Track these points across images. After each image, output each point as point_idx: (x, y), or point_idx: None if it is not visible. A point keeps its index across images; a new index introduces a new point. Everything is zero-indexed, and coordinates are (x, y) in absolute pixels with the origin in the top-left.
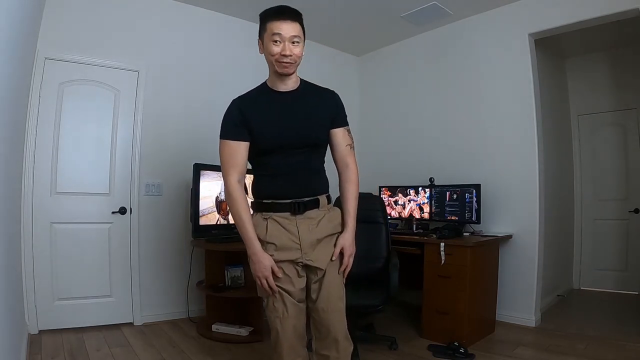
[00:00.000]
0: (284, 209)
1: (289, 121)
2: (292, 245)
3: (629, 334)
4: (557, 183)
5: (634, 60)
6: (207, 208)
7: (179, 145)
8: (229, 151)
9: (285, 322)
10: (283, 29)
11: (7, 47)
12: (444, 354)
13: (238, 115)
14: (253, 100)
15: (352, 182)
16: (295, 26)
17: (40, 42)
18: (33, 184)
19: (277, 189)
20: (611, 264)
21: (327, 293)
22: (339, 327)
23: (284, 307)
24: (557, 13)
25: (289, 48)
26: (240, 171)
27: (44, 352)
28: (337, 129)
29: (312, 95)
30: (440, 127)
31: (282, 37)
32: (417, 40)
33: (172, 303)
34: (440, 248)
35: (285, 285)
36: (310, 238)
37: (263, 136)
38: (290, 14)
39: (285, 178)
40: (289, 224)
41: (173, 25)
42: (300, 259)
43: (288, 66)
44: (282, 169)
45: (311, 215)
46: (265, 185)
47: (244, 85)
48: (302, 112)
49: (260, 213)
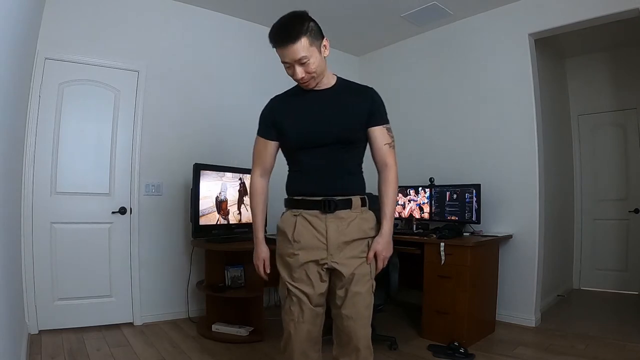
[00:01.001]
0: (314, 207)
1: (317, 118)
2: (318, 245)
3: (629, 334)
4: (557, 183)
5: (634, 60)
6: (207, 208)
7: (179, 145)
8: (258, 147)
9: (299, 326)
10: (286, 56)
11: (7, 47)
12: (444, 354)
13: (269, 115)
14: (284, 100)
15: (389, 182)
16: (296, 48)
17: (40, 42)
18: (33, 184)
19: (307, 185)
20: (611, 264)
21: (354, 300)
22: (362, 336)
23: (300, 311)
24: (557, 13)
25: (299, 71)
26: (265, 168)
27: (44, 352)
28: (375, 127)
29: (347, 92)
30: (440, 127)
31: (288, 62)
32: (417, 40)
33: (172, 303)
34: (440, 248)
35: (304, 288)
36: (338, 239)
37: (289, 134)
38: (285, 39)
39: (315, 175)
40: (318, 222)
41: (173, 25)
42: (325, 260)
43: (306, 84)
44: (312, 165)
45: (342, 215)
46: (296, 181)
47: (244, 85)
48: (333, 109)
49: (290, 210)
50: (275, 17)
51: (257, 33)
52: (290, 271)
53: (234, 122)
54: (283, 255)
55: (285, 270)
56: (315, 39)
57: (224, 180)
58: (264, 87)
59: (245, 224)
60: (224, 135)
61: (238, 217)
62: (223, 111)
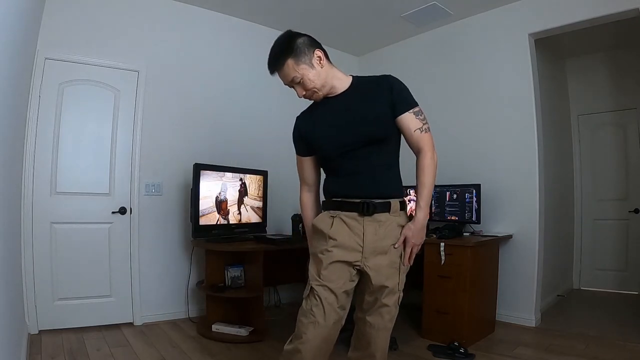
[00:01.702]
0: (352, 209)
1: (340, 124)
2: (354, 247)
3: (629, 334)
4: (557, 183)
5: (634, 60)
6: (207, 208)
7: (179, 145)
8: (298, 164)
9: (318, 330)
10: (282, 80)
11: (7, 47)
12: (444, 354)
13: (297, 133)
14: (308, 116)
15: (424, 168)
16: (284, 73)
17: (40, 42)
18: (33, 184)
19: (344, 187)
20: (611, 264)
21: (381, 311)
22: (382, 345)
23: (322, 313)
24: (557, 13)
25: (299, 91)
26: (308, 182)
27: (44, 352)
28: (402, 115)
29: (364, 89)
30: (440, 127)
31: (289, 84)
32: (417, 40)
33: (172, 303)
34: (440, 248)
35: (331, 285)
36: (375, 242)
37: (321, 146)
38: (272, 67)
39: (351, 178)
40: (356, 225)
41: (173, 25)
42: (359, 262)
43: (311, 98)
44: (348, 170)
45: (380, 218)
46: (333, 184)
47: (244, 85)
48: (354, 111)
49: (328, 211)
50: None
51: (257, 33)
52: (320, 268)
53: (234, 122)
54: (316, 252)
55: (314, 268)
56: (302, 56)
57: (224, 180)
58: (264, 87)
59: (245, 224)
60: (224, 135)
61: (238, 217)
62: (223, 111)
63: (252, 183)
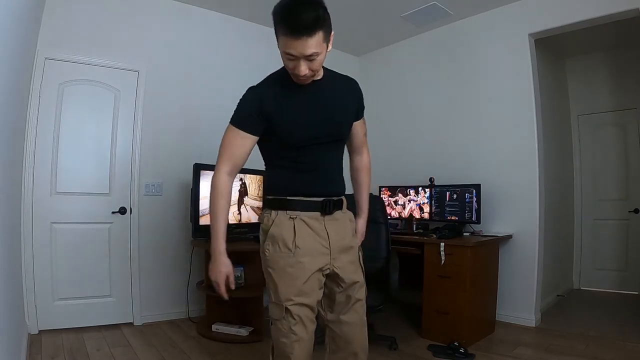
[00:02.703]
0: (314, 208)
1: (317, 114)
2: (322, 250)
3: (629, 334)
4: (557, 183)
5: (634, 60)
6: (207, 208)
7: (179, 145)
8: (232, 140)
9: (303, 345)
10: (294, 48)
11: (7, 47)
12: (444, 354)
13: (256, 107)
14: (276, 92)
15: (367, 169)
16: (310, 43)
17: (40, 42)
18: (33, 184)
19: (307, 185)
20: (611, 264)
21: (355, 307)
22: (362, 341)
23: (304, 328)
24: (557, 13)
25: (303, 67)
26: (235, 164)
27: (44, 352)
28: (360, 120)
29: (339, 85)
30: (440, 127)
31: (295, 56)
32: (417, 40)
33: (172, 303)
34: (440, 248)
35: (307, 301)
36: (338, 242)
37: (291, 131)
38: (301, 31)
39: (314, 174)
40: (318, 225)
41: (173, 25)
42: (328, 266)
43: (304, 80)
44: (311, 164)
45: (337, 216)
46: (292, 180)
47: (244, 85)
48: (330, 104)
49: (284, 211)
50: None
51: (257, 33)
52: (291, 285)
53: None
54: (280, 267)
55: (284, 285)
56: (328, 34)
57: None
58: None
59: (245, 224)
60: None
61: (238, 217)
62: (223, 111)
63: (252, 183)
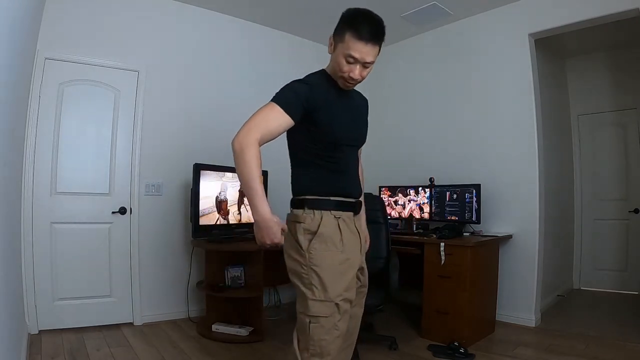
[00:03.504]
0: (350, 208)
1: (353, 119)
2: (358, 248)
3: (629, 334)
4: (557, 183)
5: (634, 60)
6: (207, 208)
7: (179, 145)
8: (270, 114)
9: (340, 341)
10: (361, 52)
11: (7, 47)
12: (444, 354)
13: (305, 93)
14: (325, 89)
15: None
16: (375, 51)
17: (40, 42)
18: (33, 184)
19: (344, 186)
20: (611, 264)
21: (362, 300)
22: (358, 330)
23: (345, 324)
24: (557, 13)
25: (359, 72)
26: (265, 138)
27: (44, 352)
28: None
29: (358, 99)
30: (440, 127)
31: (357, 60)
32: (417, 40)
33: (172, 303)
34: (440, 248)
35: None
36: (362, 240)
37: (334, 127)
38: (378, 38)
39: (347, 176)
40: (352, 226)
41: (173, 25)
42: (361, 263)
43: (351, 86)
44: (343, 165)
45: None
46: (333, 180)
47: (244, 85)
48: (357, 113)
49: (328, 211)
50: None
51: (257, 32)
52: (341, 281)
53: (234, 122)
54: (329, 264)
55: (333, 282)
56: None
57: (224, 180)
58: (264, 87)
59: (245, 224)
60: (224, 135)
61: (238, 217)
62: (223, 111)
63: None
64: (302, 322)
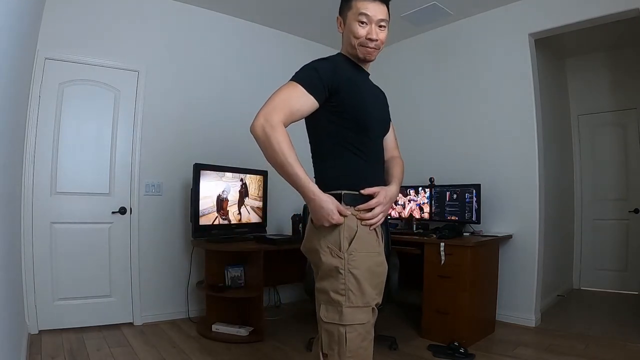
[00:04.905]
0: None
1: (379, 106)
2: (381, 244)
3: (629, 334)
4: (557, 183)
5: (634, 60)
6: (207, 208)
7: (179, 145)
8: (292, 94)
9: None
10: (372, 10)
11: (7, 47)
12: (444, 354)
13: (330, 74)
14: (350, 70)
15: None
16: (384, 9)
17: (40, 42)
18: (33, 184)
19: (377, 177)
20: (611, 264)
21: None
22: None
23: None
24: (557, 13)
25: (375, 31)
26: (289, 120)
27: (44, 352)
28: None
29: (378, 88)
30: (440, 127)
31: (369, 18)
32: (417, 40)
33: (172, 303)
34: (440, 248)
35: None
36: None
37: (364, 109)
38: None
39: (378, 166)
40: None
41: (173, 25)
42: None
43: (372, 52)
44: (376, 155)
45: None
46: (368, 172)
47: (244, 85)
48: (381, 100)
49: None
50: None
51: (256, 32)
52: (377, 285)
53: (234, 122)
54: (367, 267)
55: (370, 286)
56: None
57: (224, 180)
58: (264, 87)
59: (245, 224)
60: (224, 135)
61: (238, 217)
62: (223, 111)
63: (252, 183)
64: (334, 333)
